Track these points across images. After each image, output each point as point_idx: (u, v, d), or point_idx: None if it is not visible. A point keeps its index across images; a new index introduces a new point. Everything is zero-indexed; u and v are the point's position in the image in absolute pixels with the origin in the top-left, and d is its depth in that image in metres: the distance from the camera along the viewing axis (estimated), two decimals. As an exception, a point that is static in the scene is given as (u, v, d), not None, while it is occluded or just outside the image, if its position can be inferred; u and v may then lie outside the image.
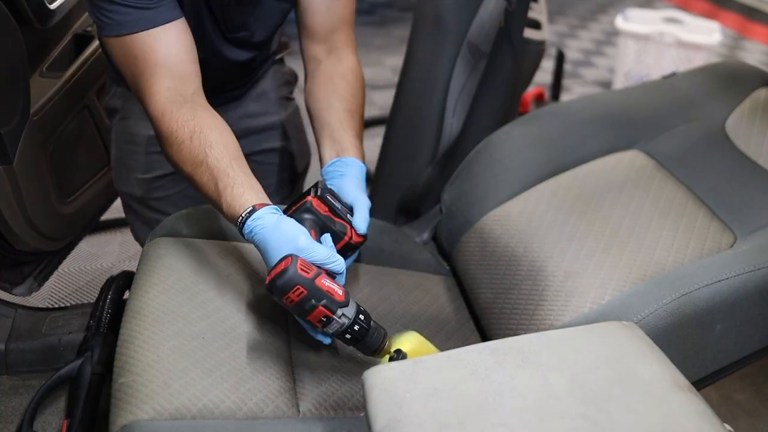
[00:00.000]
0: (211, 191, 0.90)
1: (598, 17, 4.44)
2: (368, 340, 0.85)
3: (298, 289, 0.78)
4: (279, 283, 0.78)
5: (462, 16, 1.30)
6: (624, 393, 0.65)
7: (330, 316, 0.81)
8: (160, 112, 0.95)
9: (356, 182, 1.00)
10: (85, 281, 1.83)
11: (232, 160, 0.91)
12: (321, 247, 0.85)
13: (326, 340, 0.89)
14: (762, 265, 0.93)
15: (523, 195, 1.23)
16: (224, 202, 0.88)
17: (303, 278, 0.78)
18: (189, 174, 0.93)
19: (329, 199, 0.94)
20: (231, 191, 0.88)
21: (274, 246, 0.84)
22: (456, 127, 1.33)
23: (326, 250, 0.85)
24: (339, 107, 1.07)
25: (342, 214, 0.95)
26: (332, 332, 0.83)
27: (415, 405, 0.64)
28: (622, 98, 1.45)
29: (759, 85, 1.41)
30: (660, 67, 2.93)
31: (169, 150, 0.95)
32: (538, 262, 1.08)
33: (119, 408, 0.81)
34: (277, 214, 0.87)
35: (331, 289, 0.81)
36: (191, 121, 0.93)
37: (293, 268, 0.78)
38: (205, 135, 0.92)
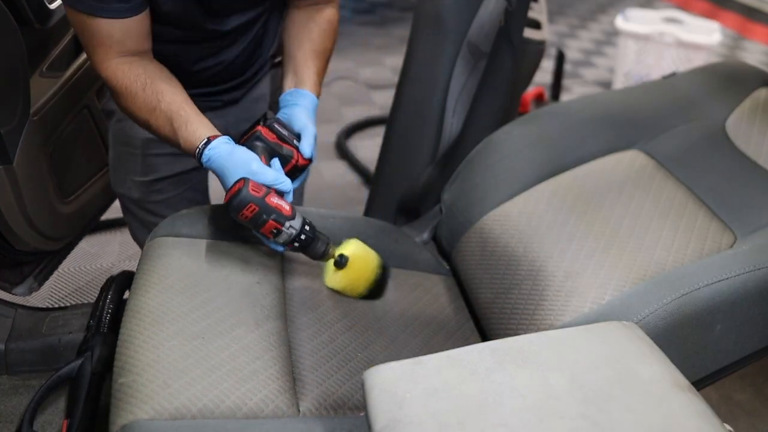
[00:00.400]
0: (167, 131, 1.02)
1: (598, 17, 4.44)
2: (314, 247, 1.00)
3: (250, 206, 0.91)
4: (234, 202, 0.91)
5: (462, 16, 1.30)
6: (624, 393, 0.65)
7: (279, 228, 0.94)
8: (112, 72, 1.03)
9: (306, 112, 1.09)
10: (85, 281, 1.83)
11: (182, 103, 1.02)
12: (270, 170, 0.97)
13: (279, 248, 1.00)
14: (762, 265, 0.93)
15: (523, 195, 1.23)
16: (181, 138, 1.00)
17: (254, 197, 0.92)
18: (145, 120, 1.04)
19: (277, 127, 1.04)
20: (186, 128, 1.00)
21: (229, 171, 0.96)
22: (456, 127, 1.33)
23: (275, 173, 0.97)
24: (307, 47, 1.16)
25: (289, 140, 1.04)
26: (282, 242, 0.97)
27: (415, 405, 0.64)
28: (622, 98, 1.45)
29: (759, 85, 1.41)
30: (660, 67, 2.93)
31: (124, 102, 1.04)
32: (538, 262, 1.08)
33: (119, 408, 0.81)
34: (230, 143, 0.98)
35: (279, 206, 0.94)
36: (143, 74, 1.03)
37: (246, 189, 0.91)
38: (156, 84, 1.03)
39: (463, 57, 1.32)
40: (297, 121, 1.07)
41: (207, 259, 1.05)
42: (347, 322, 1.05)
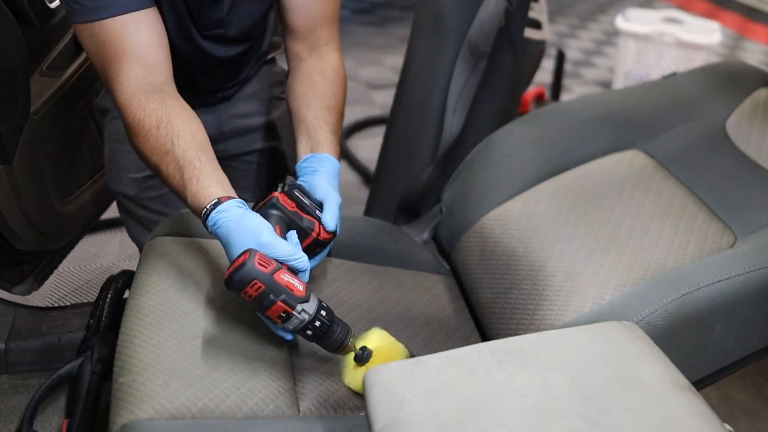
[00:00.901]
0: (176, 182, 0.89)
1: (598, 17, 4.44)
2: (330, 337, 0.84)
3: (255, 283, 0.77)
4: (236, 277, 0.77)
5: (462, 15, 1.30)
6: (624, 393, 0.65)
7: (289, 312, 0.80)
8: (127, 100, 0.94)
9: (328, 178, 0.99)
10: (85, 280, 1.83)
11: (199, 151, 0.90)
12: (284, 243, 0.83)
13: (288, 336, 0.87)
14: (762, 265, 0.93)
15: (523, 195, 1.23)
16: (189, 193, 0.87)
17: (260, 273, 0.77)
18: (155, 164, 0.92)
19: (297, 194, 0.93)
20: (197, 182, 0.87)
21: (236, 240, 0.82)
22: (456, 126, 1.33)
23: (290, 246, 0.83)
24: (316, 104, 1.07)
25: (311, 211, 0.93)
26: (292, 328, 0.82)
27: (415, 405, 0.64)
28: (622, 98, 1.45)
29: (759, 85, 1.41)
30: (660, 67, 2.93)
31: (135, 139, 0.94)
32: (538, 262, 1.08)
33: (119, 407, 0.81)
34: (243, 208, 0.86)
35: (291, 284, 0.80)
36: (159, 110, 0.92)
37: (251, 262, 0.77)
38: (173, 125, 0.91)
39: (463, 57, 1.32)
40: (318, 189, 0.96)
41: (207, 258, 1.05)
42: (347, 322, 1.05)
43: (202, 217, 0.86)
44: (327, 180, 0.98)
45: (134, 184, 1.29)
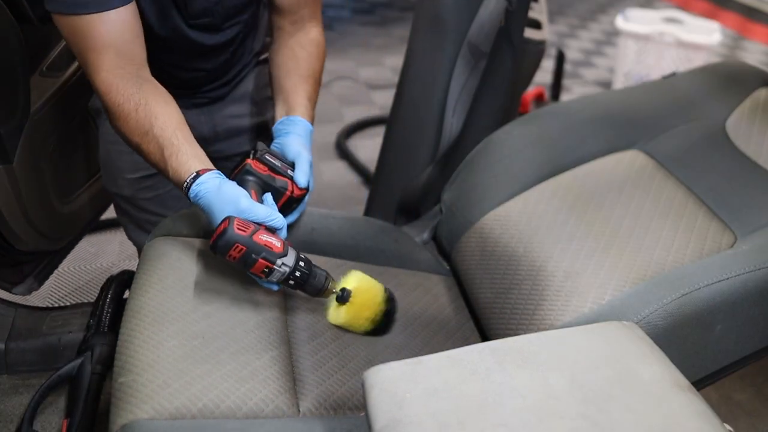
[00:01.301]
0: (157, 159, 0.97)
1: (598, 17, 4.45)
2: (311, 284, 0.95)
3: (237, 246, 0.87)
4: (220, 243, 0.87)
5: (462, 15, 1.30)
6: (624, 393, 0.65)
7: (271, 267, 0.90)
8: (106, 87, 0.99)
9: (299, 139, 1.06)
10: (85, 280, 1.83)
11: (176, 130, 0.97)
12: (261, 206, 0.92)
13: (274, 287, 0.96)
14: (762, 265, 0.93)
15: (523, 195, 1.23)
16: (170, 168, 0.95)
17: (240, 236, 0.87)
18: (136, 144, 0.98)
19: (268, 158, 1.01)
20: (176, 158, 0.94)
21: (217, 208, 0.91)
22: (456, 127, 1.33)
23: (266, 209, 0.92)
24: (294, 73, 1.15)
25: (282, 171, 1.01)
26: (276, 280, 0.92)
27: (415, 405, 0.64)
28: (622, 98, 1.45)
29: (759, 85, 1.41)
30: (660, 67, 2.93)
31: (116, 122, 1.00)
32: (538, 262, 1.08)
33: (119, 407, 0.81)
34: (220, 178, 0.93)
35: (269, 243, 0.89)
36: (137, 94, 0.98)
37: (231, 228, 0.87)
38: (151, 107, 0.97)
39: (463, 57, 1.32)
40: (290, 149, 1.04)
41: (207, 258, 1.05)
42: (347, 322, 1.05)
43: (183, 190, 0.93)
44: (299, 141, 1.06)
45: (130, 185, 1.29)
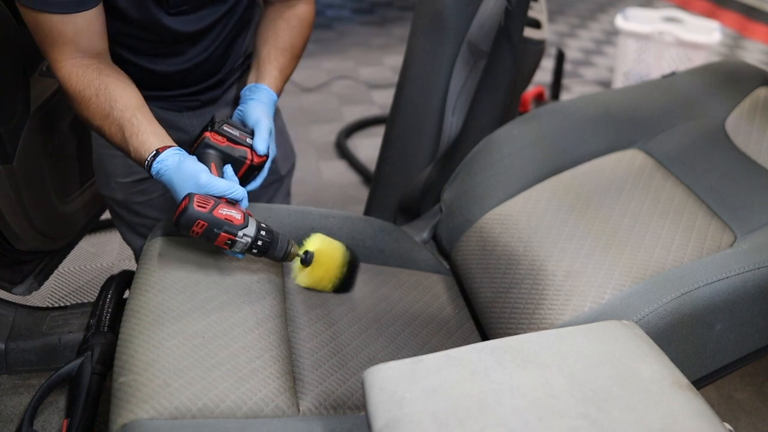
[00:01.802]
0: (119, 140, 0.99)
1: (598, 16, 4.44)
2: (275, 250, 0.98)
3: (198, 222, 0.90)
4: (182, 220, 0.90)
5: (462, 15, 1.30)
6: (624, 392, 0.65)
7: (233, 239, 0.93)
8: (67, 75, 1.01)
9: (262, 107, 1.08)
10: (85, 280, 1.83)
11: (135, 110, 0.99)
12: (220, 180, 0.94)
13: (239, 256, 1.00)
14: (762, 264, 0.93)
15: (523, 194, 1.23)
16: (131, 147, 0.98)
17: (201, 213, 0.90)
18: (98, 127, 1.01)
19: (225, 129, 1.03)
20: (136, 138, 0.97)
21: (178, 185, 0.94)
22: (456, 126, 1.33)
23: (225, 183, 0.95)
24: (272, 44, 1.17)
25: (241, 141, 1.03)
26: (239, 250, 0.95)
27: (415, 404, 0.64)
28: (621, 97, 1.44)
29: (759, 84, 1.41)
30: (660, 66, 2.93)
31: (78, 107, 1.02)
32: (538, 261, 1.08)
33: (119, 407, 0.81)
34: (180, 154, 0.96)
35: (230, 216, 0.92)
36: (97, 80, 1.00)
37: (191, 205, 0.90)
38: (110, 90, 1.00)
39: (462, 56, 1.31)
40: (251, 116, 1.06)
41: (207, 258, 1.05)
42: (347, 321, 1.05)
43: (145, 167, 0.96)
44: (261, 108, 1.07)
45: (122, 189, 1.28)
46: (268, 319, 0.98)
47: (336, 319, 1.05)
